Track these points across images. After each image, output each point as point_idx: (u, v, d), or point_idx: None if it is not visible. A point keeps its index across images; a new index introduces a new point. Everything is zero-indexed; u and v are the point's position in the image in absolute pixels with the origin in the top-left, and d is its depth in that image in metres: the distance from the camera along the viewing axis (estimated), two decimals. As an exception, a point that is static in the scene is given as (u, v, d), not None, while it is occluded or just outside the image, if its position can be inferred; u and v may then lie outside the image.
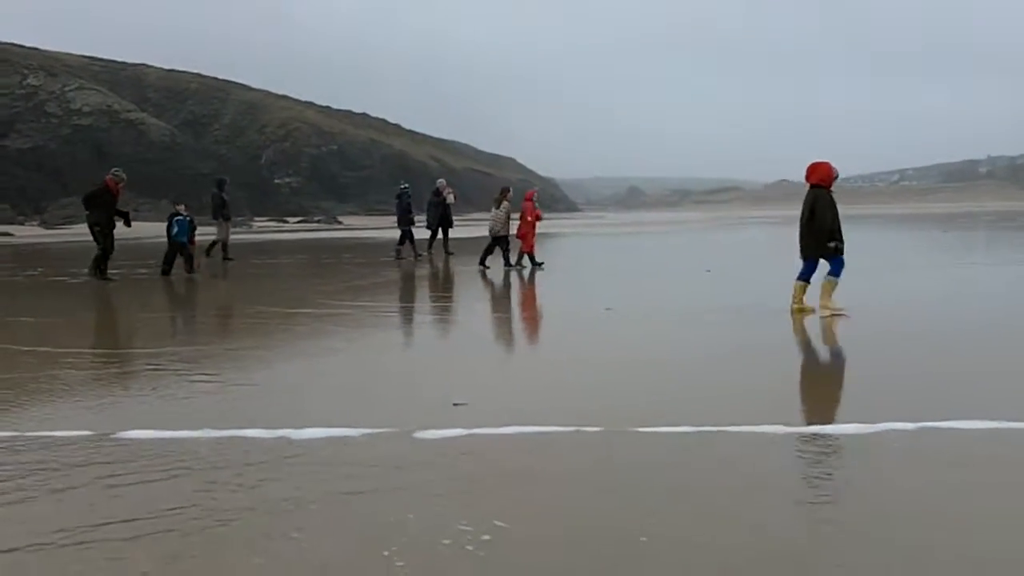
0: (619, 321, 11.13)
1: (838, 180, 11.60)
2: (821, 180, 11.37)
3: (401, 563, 3.60)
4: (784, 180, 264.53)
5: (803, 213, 11.41)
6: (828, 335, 9.94)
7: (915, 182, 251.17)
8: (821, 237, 11.21)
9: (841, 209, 11.47)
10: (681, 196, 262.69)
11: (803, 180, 11.61)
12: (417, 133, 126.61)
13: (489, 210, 21.35)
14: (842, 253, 11.25)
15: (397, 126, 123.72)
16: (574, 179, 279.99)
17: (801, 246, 11.47)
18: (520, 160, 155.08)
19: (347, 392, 7.12)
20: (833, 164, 11.50)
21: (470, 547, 3.75)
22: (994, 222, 55.44)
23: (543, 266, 19.79)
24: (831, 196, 11.40)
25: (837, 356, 8.98)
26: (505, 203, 20.43)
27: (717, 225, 60.34)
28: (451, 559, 3.64)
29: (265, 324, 11.43)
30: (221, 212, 23.66)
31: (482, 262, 20.27)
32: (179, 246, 19.17)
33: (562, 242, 32.69)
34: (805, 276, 11.49)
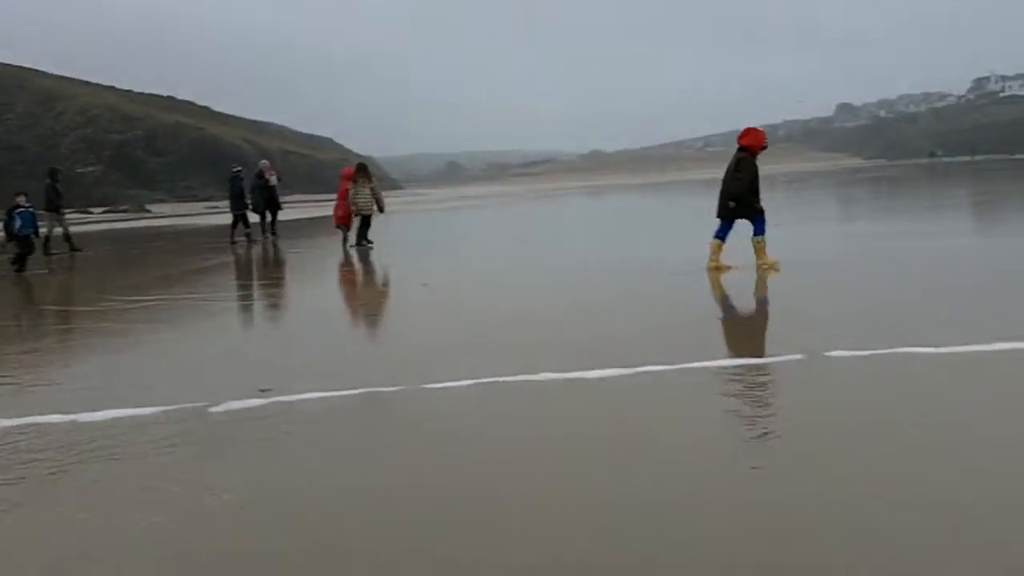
0: (433, 294, 11.54)
1: (650, 148, 12.08)
2: (750, 144, 11.82)
3: (146, 524, 3.91)
4: (596, 150, 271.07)
5: (727, 172, 11.89)
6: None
7: (720, 148, 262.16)
8: (741, 197, 11.64)
9: (656, 177, 12.21)
10: (500, 170, 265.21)
11: (617, 148, 12.17)
12: (228, 115, 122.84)
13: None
14: (761, 212, 11.72)
15: (206, 108, 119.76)
16: (393, 156, 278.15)
17: (720, 205, 11.88)
18: (338, 140, 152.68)
19: (149, 375, 7.24)
20: (766, 136, 12.07)
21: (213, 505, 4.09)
22: (788, 183, 58.90)
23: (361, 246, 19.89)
24: (755, 162, 11.85)
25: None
26: (368, 180, 20.23)
27: (535, 197, 61.54)
28: (201, 518, 3.95)
29: (69, 320, 11.24)
30: (56, 203, 22.72)
31: (360, 241, 19.84)
32: (26, 239, 18.18)
33: (387, 221, 32.76)
34: (721, 235, 11.86)
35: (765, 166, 12.85)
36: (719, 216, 11.96)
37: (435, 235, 26.63)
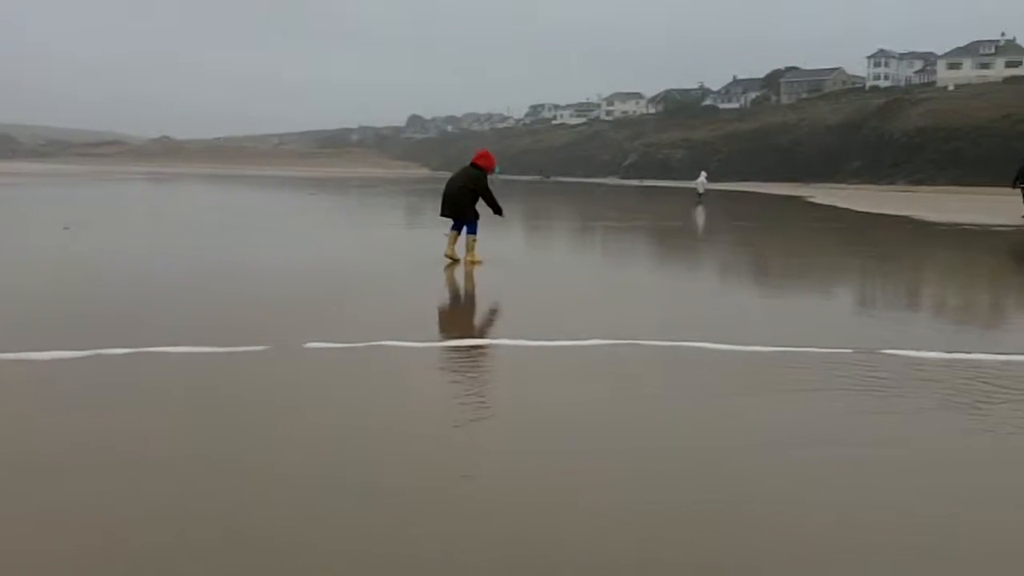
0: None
1: (225, 140, 13.01)
2: (485, 165, 13.90)
3: None
4: (165, 136, 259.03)
5: (454, 182, 13.83)
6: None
7: (296, 145, 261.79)
8: (465, 204, 13.64)
9: (227, 169, 12.70)
10: (60, 147, 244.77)
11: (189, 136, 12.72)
12: None
13: None
14: (476, 217, 13.84)
15: None
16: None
17: (445, 206, 13.80)
18: None
19: None
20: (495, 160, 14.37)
21: None
22: (360, 187, 61.10)
23: None
24: (487, 178, 13.90)
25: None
26: None
27: (99, 178, 58.30)
28: None
29: None
30: None
31: None
32: None
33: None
34: (458, 228, 13.83)
35: (341, 169, 14.02)
36: (446, 215, 13.94)
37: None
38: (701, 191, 45.65)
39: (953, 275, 15.24)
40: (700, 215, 32.92)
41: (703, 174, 49.49)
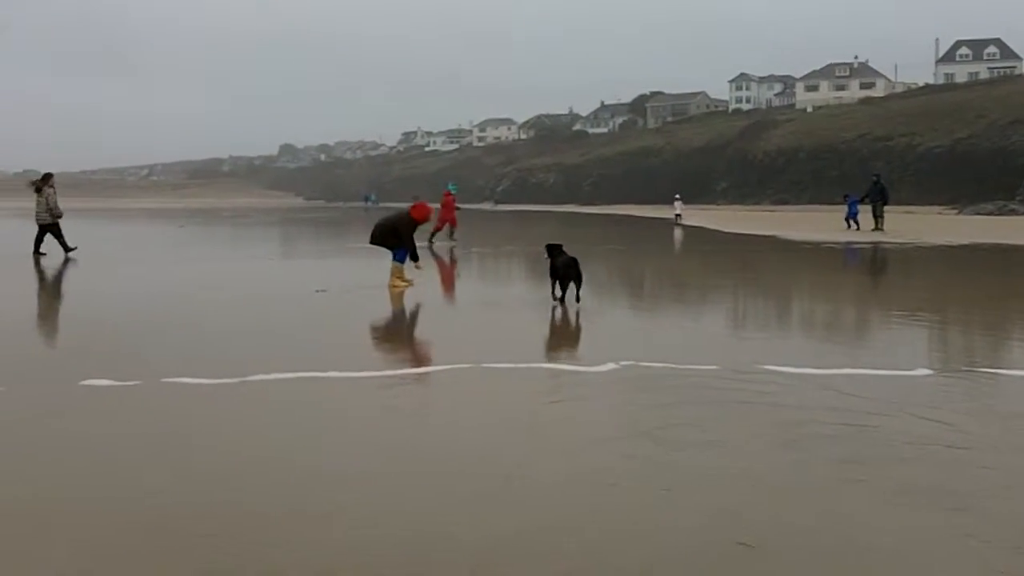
0: None
1: (91, 173, 12.89)
2: (417, 216, 14.49)
3: None
4: (29, 170, 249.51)
5: (391, 221, 14.69)
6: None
7: (164, 177, 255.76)
8: (388, 238, 14.56)
9: (95, 203, 12.35)
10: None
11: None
12: None
13: None
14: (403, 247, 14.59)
15: None
16: None
17: (377, 237, 14.69)
18: None
19: None
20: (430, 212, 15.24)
21: None
22: (231, 218, 60.12)
23: None
24: (416, 224, 14.62)
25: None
26: (48, 189, 19.42)
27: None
28: None
29: None
30: None
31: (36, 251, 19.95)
32: None
33: None
34: (400, 258, 14.58)
35: (213, 200, 13.75)
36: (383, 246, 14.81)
37: None
38: (679, 213, 47.72)
39: (823, 291, 16.06)
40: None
41: (678, 197, 51.23)
